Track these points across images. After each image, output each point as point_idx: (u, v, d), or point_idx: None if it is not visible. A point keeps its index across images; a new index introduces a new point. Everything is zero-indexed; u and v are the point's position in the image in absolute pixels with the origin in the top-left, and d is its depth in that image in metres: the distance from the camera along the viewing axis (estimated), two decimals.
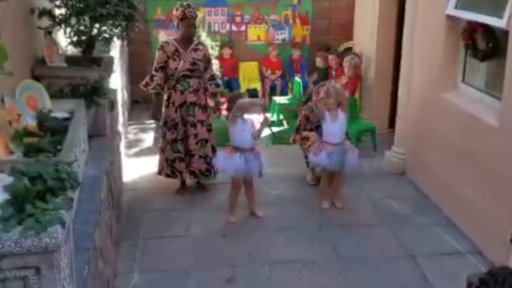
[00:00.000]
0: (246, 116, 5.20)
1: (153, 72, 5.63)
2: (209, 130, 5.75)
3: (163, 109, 5.72)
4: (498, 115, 4.53)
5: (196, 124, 5.64)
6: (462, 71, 5.45)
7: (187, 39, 5.61)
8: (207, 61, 5.75)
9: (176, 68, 5.53)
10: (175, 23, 5.65)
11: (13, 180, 2.10)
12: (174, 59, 5.53)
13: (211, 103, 5.88)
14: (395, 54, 7.37)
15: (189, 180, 5.93)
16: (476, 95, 5.17)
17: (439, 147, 5.53)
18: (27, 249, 1.92)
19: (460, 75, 5.46)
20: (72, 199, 2.23)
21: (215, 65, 7.38)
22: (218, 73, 7.43)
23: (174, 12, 5.64)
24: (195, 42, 5.71)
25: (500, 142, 4.42)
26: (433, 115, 5.65)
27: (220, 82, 5.93)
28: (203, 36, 7.73)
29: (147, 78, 5.69)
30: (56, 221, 1.99)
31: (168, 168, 5.75)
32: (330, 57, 8.43)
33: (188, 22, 5.53)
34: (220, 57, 8.75)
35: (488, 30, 4.85)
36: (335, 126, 5.42)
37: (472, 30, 5.05)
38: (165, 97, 5.70)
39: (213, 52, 7.85)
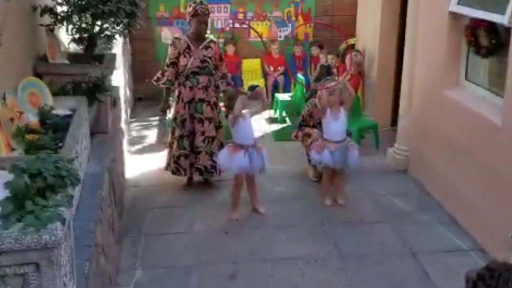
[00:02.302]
0: (246, 112, 5.20)
1: (165, 68, 5.69)
2: (218, 128, 5.77)
3: (174, 105, 5.79)
4: (501, 112, 4.51)
5: (203, 121, 5.66)
6: (465, 68, 5.43)
7: (198, 36, 5.64)
8: (219, 59, 5.76)
9: (186, 65, 5.56)
10: (188, 20, 5.70)
11: (14, 177, 2.10)
12: (185, 56, 5.58)
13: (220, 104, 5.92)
14: (398, 51, 7.35)
15: (196, 177, 5.96)
16: (479, 92, 5.16)
17: (441, 144, 5.52)
18: (27, 246, 1.93)
19: (462, 72, 5.44)
20: (72, 196, 2.24)
21: None
22: None
23: (187, 8, 5.68)
24: (208, 39, 5.72)
25: (502, 139, 4.41)
26: (435, 113, 5.64)
27: (230, 80, 5.91)
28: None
29: (158, 73, 5.75)
30: (56, 218, 2.00)
31: (174, 164, 5.79)
32: (330, 56, 8.42)
33: (199, 19, 5.56)
34: (223, 54, 8.74)
35: (490, 26, 4.84)
36: (337, 124, 5.43)
37: (474, 27, 5.04)
38: (176, 93, 5.76)
39: None
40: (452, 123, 5.29)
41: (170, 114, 6.43)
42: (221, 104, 6.01)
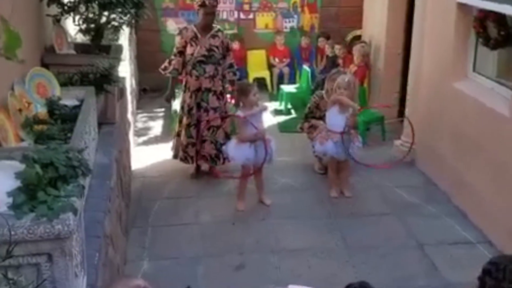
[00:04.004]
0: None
1: (172, 57, 5.74)
2: (224, 117, 5.77)
3: (181, 94, 5.83)
4: (509, 104, 4.48)
5: (209, 110, 5.69)
6: (473, 60, 5.39)
7: (205, 26, 5.66)
8: (226, 48, 5.76)
9: (192, 54, 5.58)
10: (196, 9, 5.74)
11: (25, 167, 2.10)
12: (192, 45, 5.61)
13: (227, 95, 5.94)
14: (405, 42, 7.31)
15: (203, 167, 5.99)
16: (487, 84, 5.13)
17: (449, 136, 5.49)
18: (40, 236, 1.93)
19: (471, 64, 5.41)
20: (83, 187, 2.23)
21: None
22: None
23: None
24: (215, 29, 5.73)
25: (511, 131, 4.39)
26: (443, 104, 5.61)
27: (237, 70, 5.90)
28: None
29: (166, 62, 5.81)
30: (68, 208, 1.99)
31: (182, 152, 5.85)
32: (337, 46, 8.37)
33: (206, 10, 5.57)
34: None
35: (499, 18, 4.80)
36: (342, 116, 5.39)
37: (483, 18, 5.00)
38: (183, 82, 5.80)
39: None
40: (460, 115, 5.26)
41: (174, 104, 6.45)
42: (228, 95, 6.01)
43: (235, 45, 8.88)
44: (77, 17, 4.40)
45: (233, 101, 5.82)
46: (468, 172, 5.11)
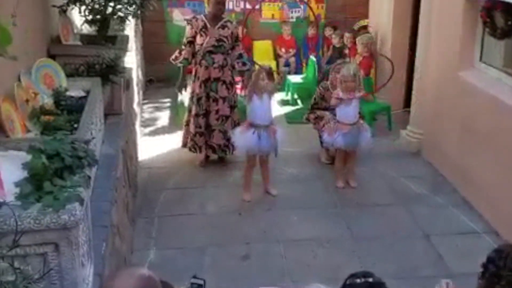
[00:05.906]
0: (263, 93, 5.15)
1: (182, 47, 5.78)
2: (233, 107, 5.80)
3: (190, 84, 5.85)
4: None
5: (218, 100, 5.71)
6: (480, 49, 5.36)
7: (215, 16, 5.68)
8: (235, 39, 5.78)
9: (202, 44, 5.60)
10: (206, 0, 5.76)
11: (31, 158, 2.11)
12: (201, 35, 5.63)
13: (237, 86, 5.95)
14: (412, 31, 7.26)
15: (212, 156, 6.02)
16: (494, 74, 5.10)
17: (456, 126, 5.47)
18: (46, 226, 1.95)
19: (477, 53, 5.38)
20: (89, 177, 2.25)
21: None
22: None
23: None
24: (224, 19, 5.75)
25: None
26: (449, 94, 5.59)
27: (247, 60, 5.91)
28: None
29: (176, 52, 5.84)
30: (74, 199, 2.01)
31: (191, 141, 5.88)
32: (347, 35, 8.32)
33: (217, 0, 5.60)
34: None
35: (507, 7, 4.76)
36: (350, 107, 5.39)
37: (490, 8, 4.96)
38: (192, 72, 5.83)
39: None
40: (467, 105, 5.23)
41: (185, 93, 6.47)
42: (237, 86, 6.01)
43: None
44: (83, 8, 4.40)
45: (243, 92, 5.83)
46: (475, 163, 5.09)
